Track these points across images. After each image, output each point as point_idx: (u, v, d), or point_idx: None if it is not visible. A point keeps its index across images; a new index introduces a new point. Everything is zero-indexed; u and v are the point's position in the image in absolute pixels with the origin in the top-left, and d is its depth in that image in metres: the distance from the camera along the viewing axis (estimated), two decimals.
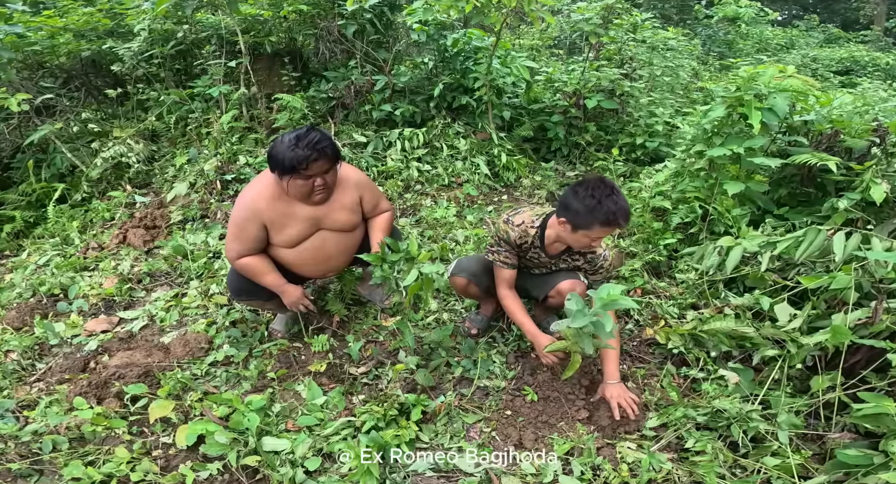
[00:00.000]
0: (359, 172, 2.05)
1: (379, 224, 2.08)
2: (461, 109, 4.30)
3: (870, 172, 2.29)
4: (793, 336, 1.81)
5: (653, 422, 1.75)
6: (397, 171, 3.76)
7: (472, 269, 2.04)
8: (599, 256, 1.89)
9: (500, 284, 1.97)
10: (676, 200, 2.74)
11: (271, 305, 2.12)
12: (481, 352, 2.11)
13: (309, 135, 1.72)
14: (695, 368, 1.94)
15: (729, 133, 2.58)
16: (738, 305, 2.06)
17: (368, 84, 4.22)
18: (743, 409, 1.64)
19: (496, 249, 1.93)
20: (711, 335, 1.98)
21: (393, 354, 2.17)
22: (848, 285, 1.80)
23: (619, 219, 1.59)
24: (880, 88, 4.24)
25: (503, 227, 1.89)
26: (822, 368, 1.75)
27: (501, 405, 1.90)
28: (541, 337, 1.85)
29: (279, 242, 1.90)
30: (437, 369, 2.07)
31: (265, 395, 1.89)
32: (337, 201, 1.93)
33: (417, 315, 2.36)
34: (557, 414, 1.84)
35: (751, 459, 1.58)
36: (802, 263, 2.16)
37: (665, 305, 2.29)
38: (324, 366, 2.06)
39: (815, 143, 2.64)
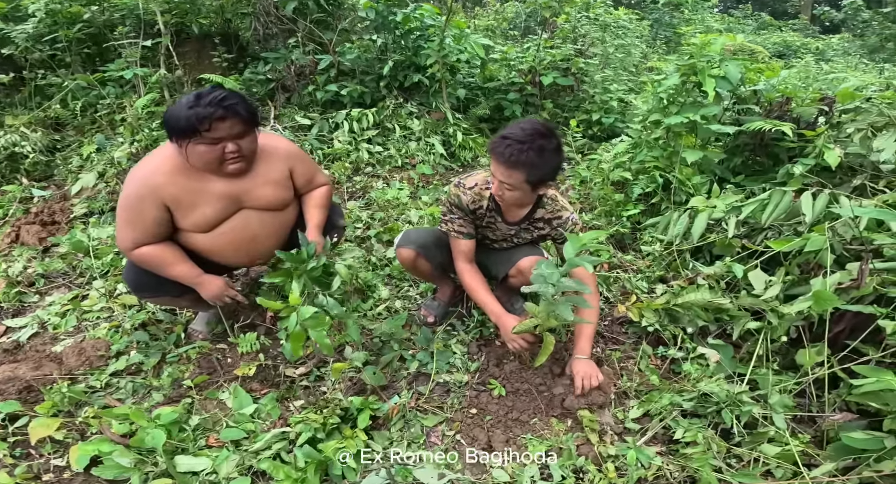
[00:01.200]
0: (287, 142, 1.68)
1: (315, 200, 1.71)
2: (414, 89, 4.04)
3: (822, 138, 2.18)
4: (772, 306, 1.59)
5: (635, 412, 1.48)
6: (345, 154, 3.40)
7: (421, 240, 1.70)
8: (566, 220, 1.58)
9: (458, 257, 1.65)
10: (636, 171, 2.57)
11: (186, 301, 1.69)
12: (439, 342, 1.78)
13: (214, 91, 1.36)
14: (672, 347, 1.70)
15: (684, 102, 2.46)
16: (709, 275, 1.84)
17: (311, 64, 3.83)
18: (732, 391, 1.40)
19: (449, 217, 1.61)
20: (686, 309, 1.74)
21: (338, 351, 1.80)
22: (823, 246, 1.61)
23: (500, 147, 1.35)
24: (818, 66, 4.25)
25: (454, 190, 1.58)
26: (806, 339, 1.53)
27: (465, 403, 1.58)
28: (506, 317, 1.55)
29: (189, 225, 1.49)
30: (390, 366, 1.72)
31: (180, 406, 1.52)
32: (261, 175, 1.55)
33: (366, 304, 1.99)
34: (529, 409, 1.54)
35: (745, 447, 1.34)
36: (769, 228, 1.98)
37: (634, 279, 2.05)
38: (253, 369, 1.67)
39: (767, 112, 2.56)
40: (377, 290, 2.07)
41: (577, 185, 2.91)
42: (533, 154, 1.33)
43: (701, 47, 2.45)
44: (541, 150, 1.34)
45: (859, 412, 1.41)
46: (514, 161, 1.33)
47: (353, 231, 2.51)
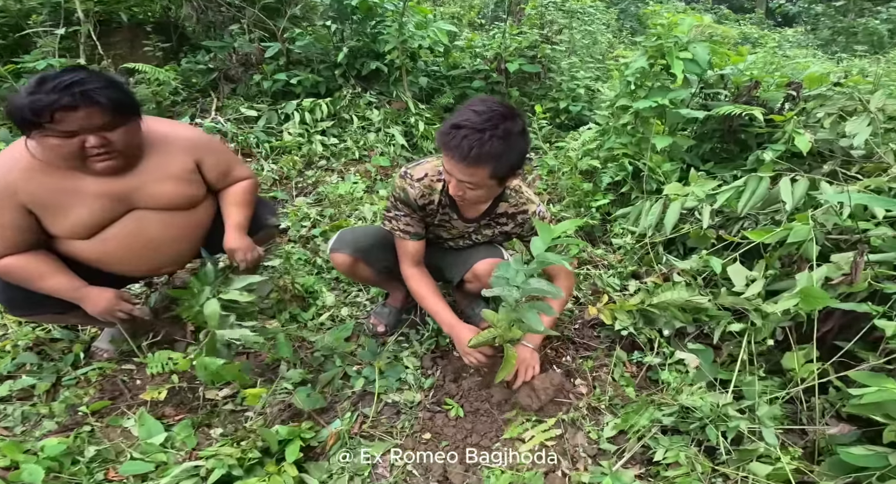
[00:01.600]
0: (193, 130, 1.41)
1: (234, 197, 1.44)
2: (373, 78, 3.79)
3: (792, 123, 2.06)
4: (756, 305, 1.42)
5: (610, 430, 1.28)
6: (296, 147, 3.10)
7: (359, 242, 1.44)
8: (534, 214, 1.35)
9: (404, 259, 1.40)
10: (605, 159, 2.41)
11: (75, 318, 1.40)
12: (386, 356, 1.53)
13: (63, 75, 1.06)
14: (648, 352, 1.51)
15: (651, 86, 2.32)
16: (685, 270, 1.66)
17: (258, 52, 3.51)
18: (716, 404, 1.21)
19: (394, 213, 1.35)
20: (662, 309, 1.56)
21: (272, 369, 1.53)
22: (807, 237, 1.46)
23: (453, 140, 1.05)
24: (778, 54, 4.21)
25: (399, 182, 1.31)
26: (793, 341, 1.37)
27: (418, 426, 1.34)
28: (460, 327, 1.32)
29: (62, 230, 1.21)
30: (331, 384, 1.46)
31: (73, 436, 1.26)
32: (155, 169, 1.28)
33: (306, 313, 1.72)
34: (491, 432, 1.32)
35: (732, 466, 1.16)
36: (745, 217, 1.83)
37: (605, 275, 1.85)
38: (163, 392, 1.38)
39: (735, 97, 2.46)
40: (321, 296, 1.80)
41: (544, 175, 2.71)
42: (497, 143, 1.05)
43: (668, 28, 2.30)
44: (506, 137, 1.06)
45: (850, 419, 1.25)
46: (476, 156, 1.05)
47: (297, 230, 2.23)
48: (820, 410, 1.26)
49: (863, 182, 1.65)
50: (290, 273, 1.77)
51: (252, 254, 1.42)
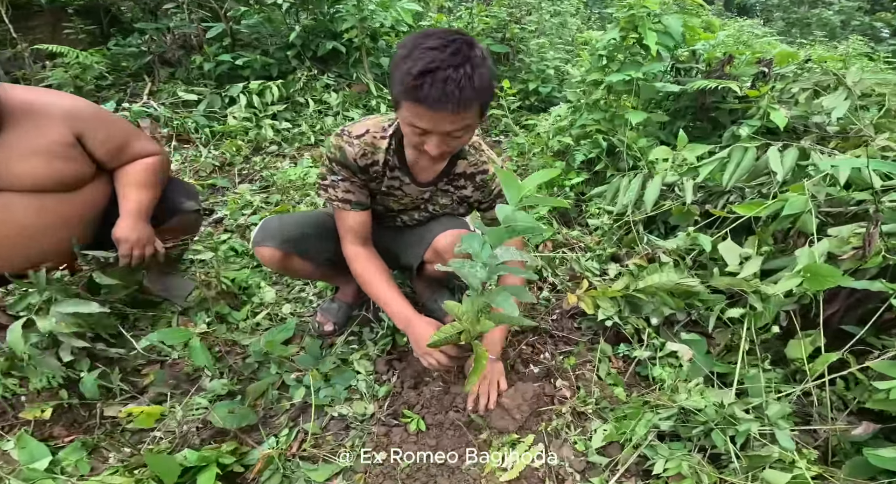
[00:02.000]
0: (75, 99, 1.14)
1: (131, 176, 1.19)
2: (331, 59, 3.56)
3: (766, 99, 1.97)
4: (755, 286, 1.24)
5: (599, 439, 1.07)
6: (242, 131, 2.80)
7: (289, 232, 1.16)
8: (492, 177, 1.12)
9: (346, 236, 1.14)
10: (577, 137, 2.24)
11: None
12: (331, 361, 1.27)
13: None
14: (636, 344, 1.31)
15: (624, 60, 2.19)
16: (671, 250, 1.48)
17: (199, 32, 3.18)
18: (720, 403, 1.02)
19: (330, 180, 1.09)
20: (650, 295, 1.36)
21: (193, 380, 1.24)
22: (805, 208, 1.30)
23: (425, 87, 0.81)
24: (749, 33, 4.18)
25: (334, 141, 1.05)
26: (798, 327, 1.20)
27: (371, 444, 1.10)
28: (417, 322, 1.06)
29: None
30: (265, 396, 1.19)
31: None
32: (19, 144, 1.03)
33: (240, 313, 1.44)
34: (460, 448, 1.08)
35: (741, 475, 0.97)
36: (730, 191, 1.68)
37: (583, 259, 1.65)
38: (47, 410, 1.09)
39: (708, 73, 2.34)
40: (259, 292, 1.52)
41: (514, 157, 2.50)
42: (479, 73, 0.84)
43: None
44: (483, 62, 0.85)
45: (860, 414, 1.09)
46: (468, 97, 0.83)
47: (235, 219, 1.93)
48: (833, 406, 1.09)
49: (853, 152, 1.51)
50: (215, 267, 1.47)
51: (145, 249, 1.16)
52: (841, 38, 6.40)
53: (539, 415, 1.14)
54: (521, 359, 1.31)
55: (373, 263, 1.13)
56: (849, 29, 6.61)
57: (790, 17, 6.80)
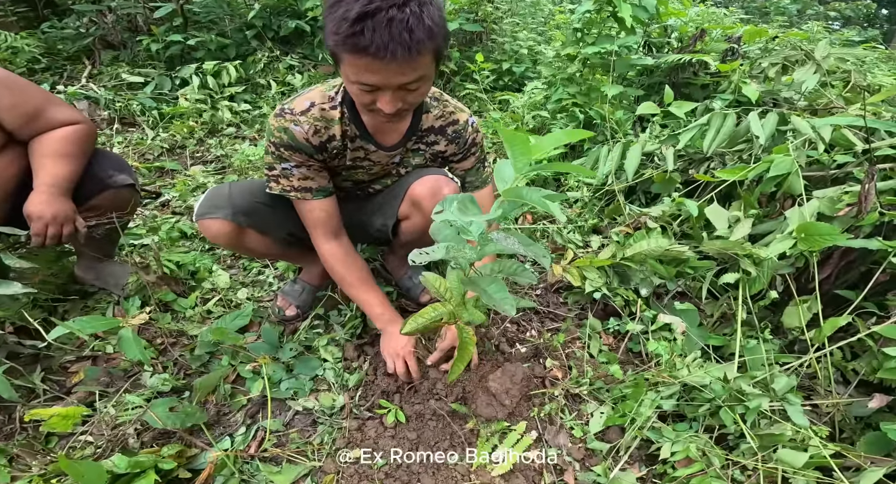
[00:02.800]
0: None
1: (47, 146, 1.01)
2: (295, 40, 3.34)
3: (738, 73, 1.97)
4: (748, 250, 1.16)
5: (598, 423, 0.96)
6: (195, 114, 2.57)
7: (240, 201, 0.99)
8: (465, 124, 0.99)
9: (314, 231, 0.99)
10: (554, 111, 2.15)
11: None
12: (291, 348, 1.12)
13: None
14: (627, 318, 1.21)
15: (599, 33, 2.14)
16: (658, 217, 1.40)
17: (145, 12, 2.92)
18: (724, 377, 0.93)
19: (280, 169, 0.93)
20: (639, 263, 1.26)
21: (132, 375, 1.06)
22: (791, 169, 1.25)
23: (365, 33, 0.66)
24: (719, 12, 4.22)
25: (275, 123, 0.89)
26: (795, 292, 1.12)
27: (342, 441, 0.95)
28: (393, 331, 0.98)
29: None
30: (217, 391, 1.03)
31: None
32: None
33: (187, 300, 1.25)
34: (444, 442, 0.94)
35: (749, 456, 0.87)
36: (710, 158, 1.63)
37: (564, 231, 1.55)
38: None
39: (681, 48, 2.33)
40: (210, 276, 1.33)
41: (489, 134, 2.37)
42: (429, 10, 0.70)
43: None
44: (436, 2, 0.72)
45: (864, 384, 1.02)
46: (418, 39, 0.68)
47: (185, 200, 1.72)
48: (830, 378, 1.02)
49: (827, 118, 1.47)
50: (153, 248, 1.27)
51: (63, 228, 0.97)
52: (798, 25, 6.60)
53: (530, 399, 1.02)
54: (507, 338, 1.18)
55: (351, 262, 1.00)
56: (805, 17, 6.82)
57: (749, 6, 6.95)
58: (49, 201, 0.98)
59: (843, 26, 8.33)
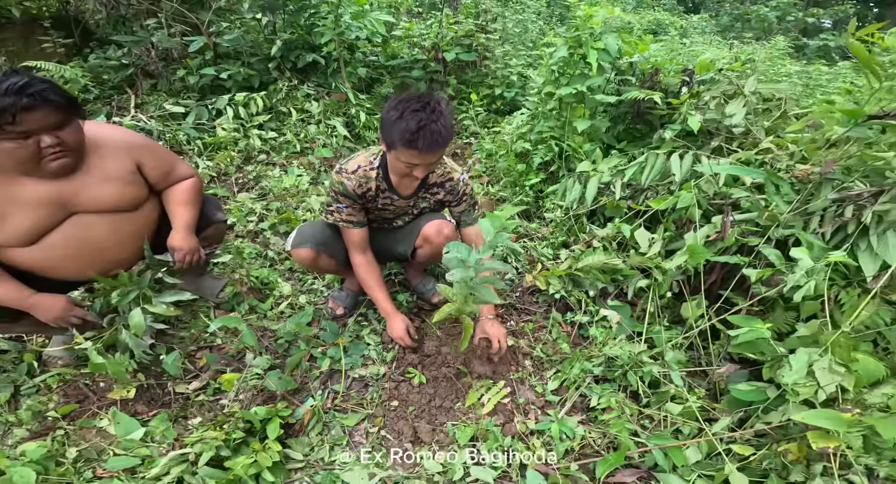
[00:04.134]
0: (128, 131, 1.38)
1: (179, 196, 1.44)
2: (310, 70, 3.75)
3: (686, 106, 2.35)
4: (656, 262, 1.67)
5: (553, 383, 1.49)
6: (232, 142, 3.02)
7: (319, 236, 1.52)
8: (458, 181, 1.50)
9: (352, 248, 1.53)
10: (535, 142, 2.62)
11: (25, 326, 1.36)
12: (347, 336, 1.64)
13: (10, 78, 1.05)
14: (578, 311, 1.73)
15: (572, 74, 2.55)
16: (603, 237, 1.91)
17: (181, 47, 3.34)
18: (633, 352, 1.45)
19: (335, 207, 1.47)
20: (586, 272, 1.78)
21: (238, 359, 1.58)
22: (691, 203, 1.73)
23: (419, 140, 1.20)
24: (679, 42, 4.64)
25: (336, 178, 1.42)
26: (687, 293, 1.64)
27: (385, 396, 1.47)
28: (395, 317, 1.52)
29: (3, 239, 1.18)
30: (299, 367, 1.55)
31: (49, 440, 1.27)
32: (95, 172, 1.26)
33: (265, 304, 1.78)
34: (452, 394, 1.47)
35: (653, 407, 1.40)
36: (648, 188, 2.11)
37: (539, 247, 2.06)
38: (132, 390, 1.41)
39: (641, 83, 2.74)
40: (277, 286, 1.85)
41: (483, 159, 2.87)
42: (447, 123, 1.23)
43: (584, 20, 2.53)
44: (448, 114, 1.25)
45: (743, 361, 1.51)
46: (444, 141, 1.23)
47: (244, 225, 2.23)
48: (716, 354, 1.54)
49: (735, 155, 1.95)
50: (243, 267, 1.80)
51: (194, 256, 1.43)
52: (777, 32, 7.01)
53: (507, 367, 1.55)
54: None
55: (372, 271, 1.53)
56: (784, 23, 7.23)
57: (734, 13, 7.37)
58: (185, 238, 1.43)
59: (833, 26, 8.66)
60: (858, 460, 1.10)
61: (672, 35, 4.92)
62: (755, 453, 1.18)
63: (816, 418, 1.02)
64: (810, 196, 1.63)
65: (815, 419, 1.02)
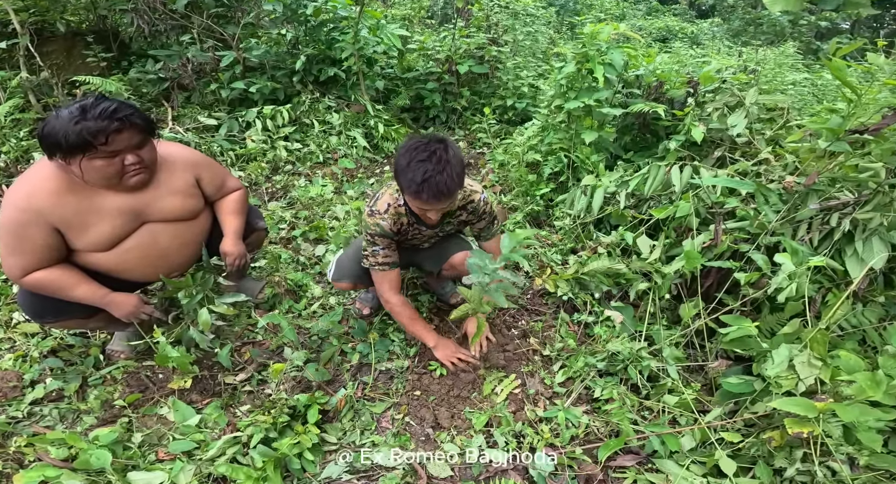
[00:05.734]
0: (189, 150, 1.59)
1: (229, 206, 1.65)
2: (331, 83, 3.94)
3: (689, 117, 2.45)
4: (656, 267, 1.83)
5: (560, 376, 1.66)
6: (260, 153, 3.24)
7: (355, 271, 1.71)
8: (479, 201, 1.63)
9: (386, 289, 1.58)
10: (546, 153, 2.77)
11: (97, 322, 1.57)
12: (375, 333, 1.83)
13: (101, 103, 1.24)
14: (584, 312, 1.90)
15: (580, 88, 2.66)
16: (608, 244, 2.07)
17: (213, 61, 3.57)
18: (633, 348, 1.61)
19: (371, 250, 1.54)
20: (592, 276, 1.95)
21: (277, 353, 1.78)
22: (689, 212, 1.86)
23: (423, 193, 1.24)
24: (689, 50, 4.75)
25: (370, 221, 1.50)
26: (685, 295, 1.80)
27: (409, 387, 1.66)
28: (444, 343, 1.63)
29: (86, 245, 1.38)
30: (331, 360, 1.74)
31: (118, 426, 1.45)
32: (163, 186, 1.46)
33: (299, 304, 1.98)
34: (469, 385, 1.65)
35: (653, 399, 1.56)
36: (651, 198, 2.25)
37: (549, 252, 2.23)
38: (188, 381, 1.61)
39: (646, 95, 2.85)
40: (309, 288, 2.06)
41: (496, 169, 3.05)
42: (456, 170, 1.27)
43: (591, 37, 2.67)
44: (455, 160, 1.29)
45: (739, 359, 1.66)
46: (451, 190, 1.27)
47: (277, 233, 2.44)
48: (711, 352, 1.69)
49: (734, 166, 2.09)
50: (279, 271, 2.01)
51: (243, 260, 1.64)
52: (790, 36, 7.06)
53: (519, 360, 1.72)
54: (505, 325, 1.89)
55: (408, 310, 1.61)
56: (798, 27, 7.28)
57: (746, 17, 7.43)
58: (235, 244, 1.64)
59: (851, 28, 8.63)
60: (840, 450, 1.23)
61: (676, 45, 5.03)
62: (743, 441, 1.33)
63: (789, 405, 1.16)
64: (799, 205, 1.78)
65: (788, 406, 1.16)
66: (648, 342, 1.70)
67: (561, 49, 3.81)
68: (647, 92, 2.87)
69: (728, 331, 1.44)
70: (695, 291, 1.74)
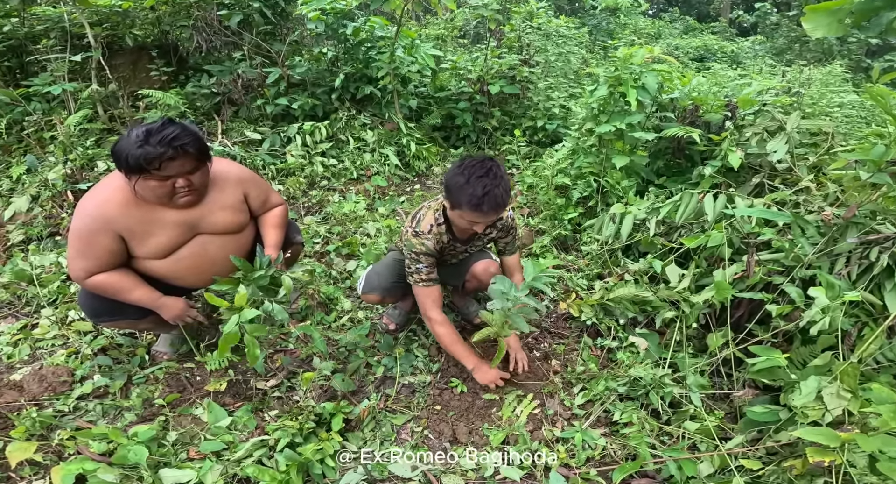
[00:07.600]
0: (239, 167, 1.74)
1: (271, 220, 1.78)
2: (366, 100, 4.09)
3: (726, 142, 2.43)
4: (684, 296, 1.84)
5: (579, 399, 1.69)
6: (299, 168, 3.42)
7: (383, 285, 1.82)
8: (506, 218, 1.72)
9: (428, 305, 1.66)
10: (575, 176, 2.78)
11: (147, 323, 1.72)
12: (401, 348, 1.91)
13: (164, 129, 1.38)
14: (608, 337, 1.92)
15: (612, 111, 2.67)
16: (635, 271, 2.08)
17: (260, 77, 3.82)
18: (656, 374, 1.63)
19: (415, 268, 1.64)
20: (618, 303, 1.97)
21: (306, 362, 1.89)
22: (722, 242, 1.86)
23: (484, 205, 1.38)
24: (728, 70, 4.69)
25: (416, 241, 1.61)
26: (713, 325, 1.79)
27: (430, 401, 1.72)
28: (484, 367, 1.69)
29: (145, 253, 1.53)
30: (357, 372, 1.83)
31: (155, 424, 1.56)
32: (215, 201, 1.61)
33: (329, 317, 2.09)
34: (490, 403, 1.71)
35: (673, 425, 1.56)
36: (682, 226, 2.24)
37: (575, 277, 2.27)
38: (224, 384, 1.73)
39: (681, 118, 2.83)
40: (339, 302, 2.17)
41: (524, 191, 3.11)
42: (506, 183, 1.43)
43: (624, 60, 2.69)
44: (504, 175, 1.44)
45: (765, 388, 1.65)
46: (506, 202, 1.43)
47: (311, 246, 2.59)
48: (738, 381, 1.68)
49: (771, 195, 2.08)
50: (312, 283, 2.13)
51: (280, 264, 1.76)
52: (838, 55, 6.85)
53: (540, 381, 1.76)
54: (528, 347, 1.93)
55: (450, 329, 1.67)
56: (846, 45, 7.07)
57: (790, 35, 7.28)
58: (276, 253, 1.78)
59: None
60: (862, 480, 1.22)
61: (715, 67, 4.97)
62: (763, 468, 1.33)
63: (813, 435, 1.16)
64: (837, 238, 1.76)
65: (811, 435, 1.16)
66: (672, 369, 1.71)
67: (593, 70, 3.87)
68: (681, 115, 2.85)
69: (756, 361, 1.45)
70: (724, 321, 1.74)
